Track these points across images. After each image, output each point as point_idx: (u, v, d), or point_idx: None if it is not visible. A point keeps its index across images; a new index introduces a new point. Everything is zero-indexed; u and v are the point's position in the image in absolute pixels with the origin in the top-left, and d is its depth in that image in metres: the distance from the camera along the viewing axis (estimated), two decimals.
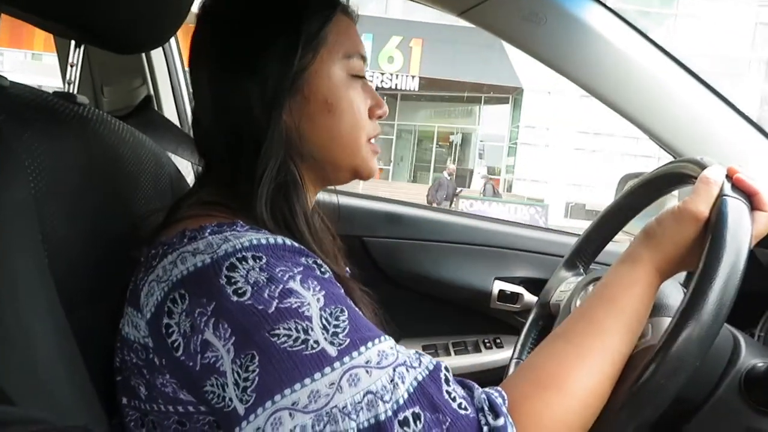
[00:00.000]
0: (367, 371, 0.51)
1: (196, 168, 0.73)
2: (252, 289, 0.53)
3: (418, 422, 0.49)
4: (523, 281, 1.40)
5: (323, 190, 0.77)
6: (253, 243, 0.56)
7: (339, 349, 0.51)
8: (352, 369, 0.51)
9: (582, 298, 0.81)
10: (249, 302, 0.52)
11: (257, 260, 0.55)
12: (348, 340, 0.52)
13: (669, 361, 0.53)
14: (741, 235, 0.56)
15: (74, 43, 0.79)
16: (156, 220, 0.66)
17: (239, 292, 0.53)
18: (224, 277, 0.53)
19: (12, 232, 0.52)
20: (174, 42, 1.47)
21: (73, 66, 0.80)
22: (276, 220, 0.63)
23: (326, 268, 0.59)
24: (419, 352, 0.56)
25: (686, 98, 0.92)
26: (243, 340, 0.51)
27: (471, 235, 1.43)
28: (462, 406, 0.52)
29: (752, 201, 0.61)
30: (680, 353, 0.53)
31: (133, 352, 0.59)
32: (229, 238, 0.56)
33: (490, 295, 1.38)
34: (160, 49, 1.41)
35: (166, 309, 0.55)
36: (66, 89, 0.79)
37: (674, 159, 0.78)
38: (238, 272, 0.54)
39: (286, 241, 0.58)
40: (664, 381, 0.53)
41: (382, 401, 0.50)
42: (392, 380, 0.51)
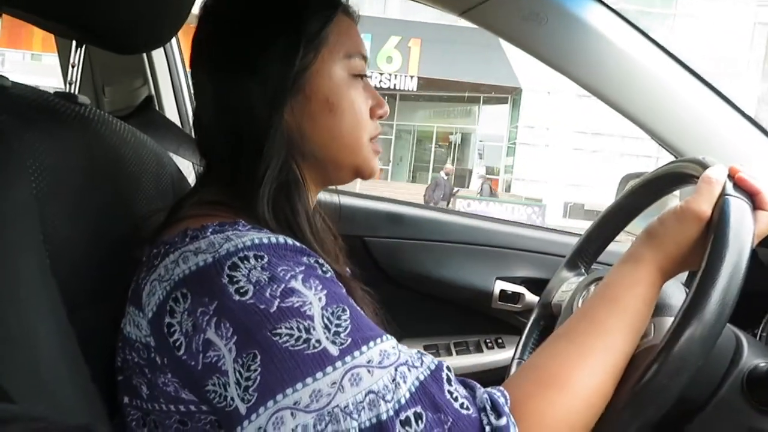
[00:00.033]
0: (368, 371, 0.51)
1: (198, 168, 0.73)
2: (254, 288, 0.53)
3: (419, 422, 0.49)
4: (525, 281, 1.39)
5: (324, 189, 0.77)
6: (255, 242, 0.56)
7: (341, 348, 0.51)
8: (353, 368, 0.51)
9: (584, 298, 0.81)
10: (251, 301, 0.52)
11: (259, 259, 0.55)
12: (350, 340, 0.52)
13: (671, 360, 0.53)
14: (743, 234, 0.56)
15: (75, 44, 0.79)
16: (157, 220, 0.66)
17: (241, 291, 0.53)
18: (226, 276, 0.53)
19: (14, 233, 0.52)
20: (175, 42, 1.47)
21: (74, 66, 0.80)
22: (278, 220, 0.63)
23: (328, 268, 0.59)
24: (421, 351, 0.56)
25: (688, 98, 0.92)
26: (245, 340, 0.51)
27: (472, 235, 1.43)
28: (464, 406, 0.52)
29: (754, 200, 0.61)
30: (683, 353, 0.53)
31: (135, 351, 0.58)
32: (231, 237, 0.56)
33: (491, 295, 1.38)
34: (161, 49, 1.41)
35: (168, 308, 0.55)
36: (67, 89, 0.79)
37: (676, 159, 0.78)
38: (240, 271, 0.54)
39: (288, 241, 0.58)
40: (667, 381, 0.53)
41: (384, 401, 0.50)
42: (394, 380, 0.51)
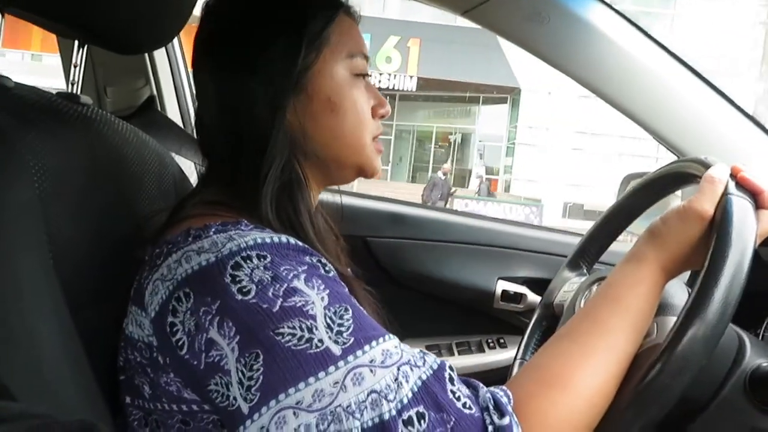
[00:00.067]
0: (371, 370, 0.51)
1: (199, 168, 0.73)
2: (256, 287, 0.53)
3: (422, 421, 0.49)
4: (527, 281, 1.39)
5: (326, 189, 0.77)
6: (258, 242, 0.56)
7: (343, 348, 0.51)
8: (356, 368, 0.51)
9: (586, 298, 0.81)
10: (253, 301, 0.52)
11: (262, 259, 0.55)
12: (352, 339, 0.52)
13: (674, 360, 0.53)
14: (746, 233, 0.56)
15: (77, 44, 0.79)
16: (160, 219, 0.66)
17: (244, 290, 0.53)
18: (229, 276, 0.53)
19: (17, 233, 0.52)
20: (177, 42, 1.47)
21: (76, 66, 0.80)
22: (281, 220, 0.63)
23: (330, 267, 0.59)
24: (423, 351, 0.56)
25: (690, 97, 0.92)
26: (247, 339, 0.51)
27: (474, 235, 1.42)
28: (466, 406, 0.52)
29: (757, 200, 0.61)
30: (685, 352, 0.53)
31: (137, 351, 0.58)
32: (234, 236, 0.56)
33: (493, 295, 1.38)
34: (163, 50, 1.41)
35: (171, 307, 0.55)
36: (69, 90, 0.79)
37: (678, 158, 0.78)
38: (243, 271, 0.54)
39: (291, 240, 0.58)
40: (670, 380, 0.53)
41: (386, 400, 0.50)
42: (396, 379, 0.51)
